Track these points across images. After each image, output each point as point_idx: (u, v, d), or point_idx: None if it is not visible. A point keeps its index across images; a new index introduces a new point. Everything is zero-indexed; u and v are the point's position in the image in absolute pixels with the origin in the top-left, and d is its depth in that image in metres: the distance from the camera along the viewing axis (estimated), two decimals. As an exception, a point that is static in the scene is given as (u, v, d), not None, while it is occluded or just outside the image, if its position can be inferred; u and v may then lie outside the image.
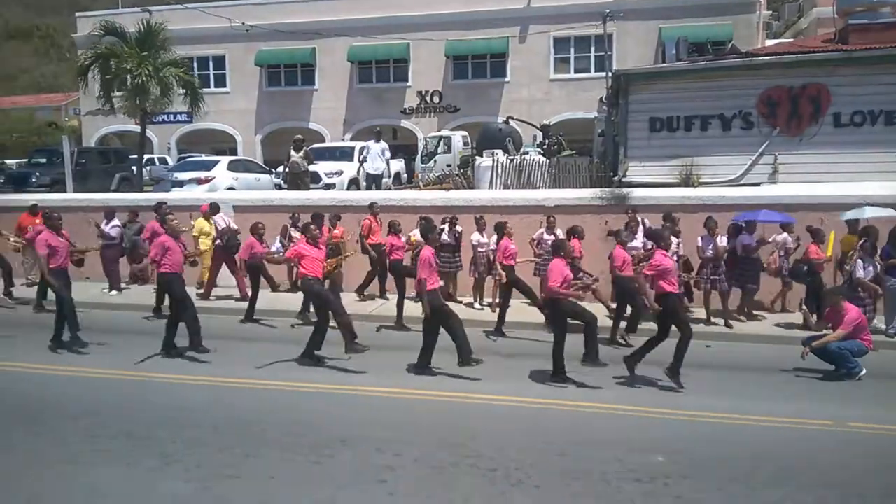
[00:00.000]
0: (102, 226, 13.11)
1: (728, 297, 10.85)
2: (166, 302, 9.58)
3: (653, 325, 8.54)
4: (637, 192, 12.82)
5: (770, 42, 27.20)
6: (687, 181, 14.09)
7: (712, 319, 10.78)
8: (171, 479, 5.56)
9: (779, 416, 7.05)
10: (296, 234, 11.34)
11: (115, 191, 20.47)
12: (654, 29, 28.07)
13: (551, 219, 11.76)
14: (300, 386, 7.97)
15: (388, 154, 18.80)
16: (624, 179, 14.90)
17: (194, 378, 8.24)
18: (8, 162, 28.79)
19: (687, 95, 14.73)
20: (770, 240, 10.89)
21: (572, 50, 29.83)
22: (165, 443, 6.26)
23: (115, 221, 13.23)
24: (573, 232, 10.75)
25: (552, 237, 11.46)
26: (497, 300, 11.81)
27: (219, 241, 12.41)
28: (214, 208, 13.07)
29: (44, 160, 22.55)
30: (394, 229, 11.14)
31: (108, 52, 20.65)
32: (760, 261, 10.88)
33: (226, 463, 5.85)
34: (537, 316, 10.45)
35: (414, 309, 10.27)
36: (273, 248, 11.73)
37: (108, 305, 12.48)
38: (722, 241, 10.80)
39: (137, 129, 23.73)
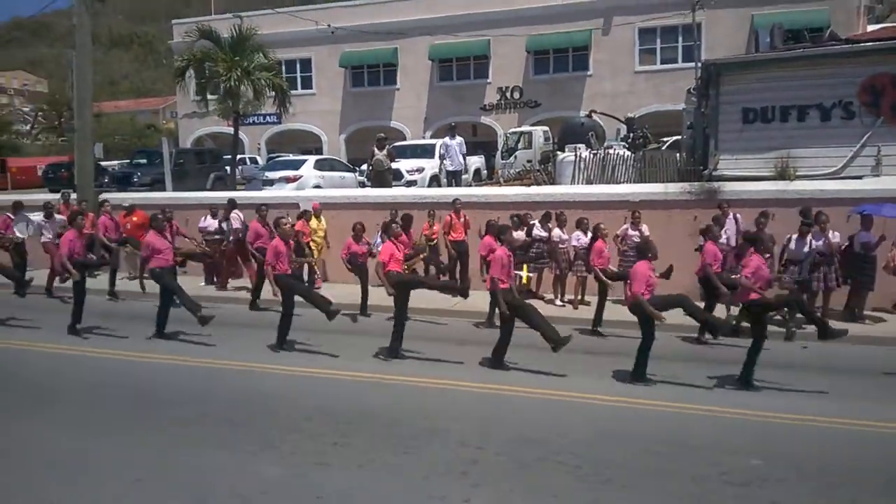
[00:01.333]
0: (203, 222, 13.77)
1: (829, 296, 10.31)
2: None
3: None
4: (729, 186, 12.35)
5: (872, 27, 25.52)
6: (783, 174, 13.43)
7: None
8: (267, 464, 5.80)
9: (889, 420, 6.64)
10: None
11: (209, 189, 21.46)
12: (747, 16, 26.92)
13: (636, 214, 11.50)
14: (386, 378, 8.14)
15: (463, 149, 18.88)
16: (714, 173, 14.37)
17: (293, 369, 8.53)
18: (111, 163, 30.65)
19: (783, 85, 14.01)
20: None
21: (658, 40, 29.04)
22: (261, 429, 6.54)
23: (223, 218, 13.82)
24: (596, 231, 10.49)
25: (637, 233, 11.26)
26: (578, 297, 11.74)
27: (232, 238, 13.21)
28: (232, 204, 13.79)
29: (144, 161, 23.94)
30: (493, 229, 10.91)
31: (202, 56, 21.66)
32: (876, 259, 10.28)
33: (318, 450, 6.05)
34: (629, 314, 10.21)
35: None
36: (374, 243, 11.84)
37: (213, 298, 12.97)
38: (835, 236, 10.24)
39: (230, 130, 24.82)
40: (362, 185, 20.01)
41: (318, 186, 18.60)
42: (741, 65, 15.33)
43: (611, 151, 16.98)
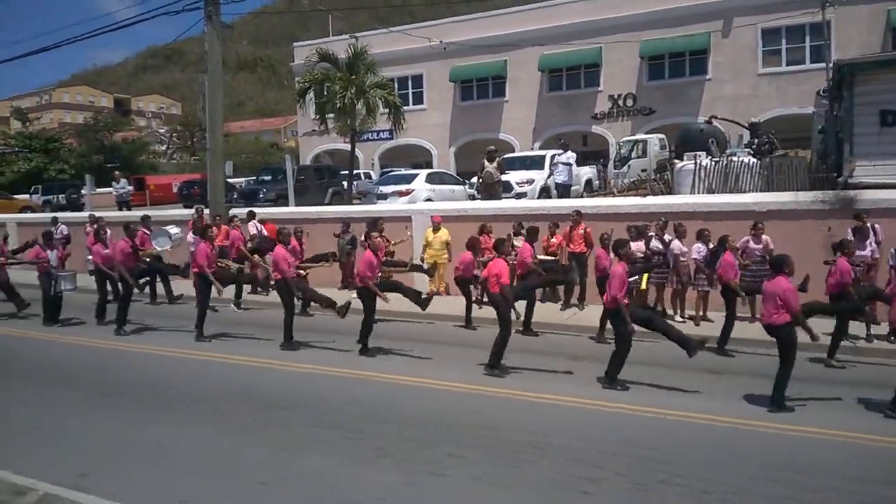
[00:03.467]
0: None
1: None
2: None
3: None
4: (867, 195, 11.39)
5: None
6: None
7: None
8: (382, 471, 5.91)
9: None
10: (518, 241, 11.46)
11: (327, 204, 22.36)
12: (882, 12, 24.96)
13: (759, 226, 10.81)
14: (493, 391, 8.09)
15: (572, 162, 18.66)
16: (850, 180, 13.35)
17: (401, 378, 8.70)
18: (239, 180, 32.64)
19: (927, 84, 12.88)
20: None
21: (783, 41, 27.48)
22: (376, 436, 6.67)
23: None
24: (723, 242, 9.89)
25: (759, 246, 10.60)
26: (700, 313, 11.20)
27: (249, 244, 13.92)
28: (250, 215, 14.88)
29: (269, 177, 25.34)
30: (604, 244, 10.54)
31: (321, 77, 22.69)
32: None
33: (431, 460, 6.10)
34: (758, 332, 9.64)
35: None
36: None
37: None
38: None
39: (346, 147, 25.80)
40: (472, 197, 20.15)
41: (429, 199, 18.92)
42: (878, 63, 14.29)
43: (734, 159, 16.14)
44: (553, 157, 19.34)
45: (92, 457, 6.36)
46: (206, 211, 16.22)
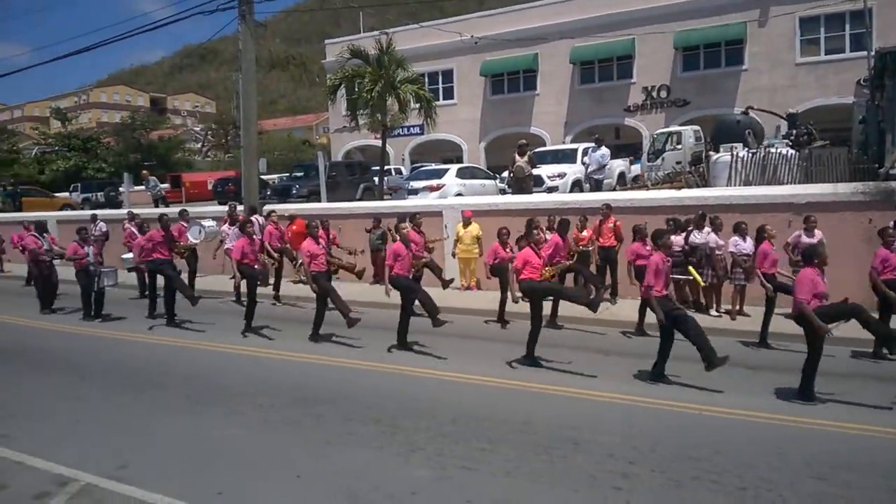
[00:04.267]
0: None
1: None
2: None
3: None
4: (910, 186, 11.07)
5: None
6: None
7: None
8: (415, 465, 5.94)
9: None
10: (547, 234, 11.29)
11: (359, 199, 22.48)
12: (928, -4, 24.14)
13: (812, 219, 10.40)
14: (526, 386, 8.07)
15: (607, 160, 18.42)
16: (892, 171, 12.96)
17: (435, 373, 8.74)
18: (272, 176, 33.02)
19: (977, 69, 12.42)
20: None
21: (822, 29, 26.79)
22: (409, 431, 6.71)
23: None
24: (761, 233, 9.68)
25: (813, 241, 10.18)
26: (736, 307, 11.00)
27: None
28: (252, 210, 15.08)
29: (301, 174, 25.56)
30: (640, 234, 10.54)
31: (352, 74, 22.80)
32: None
33: (464, 455, 6.10)
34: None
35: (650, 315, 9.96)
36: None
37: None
38: None
39: (377, 143, 25.91)
40: (503, 192, 20.07)
41: (459, 194, 18.90)
42: (924, 50, 13.78)
43: (772, 150, 15.79)
44: (586, 151, 19.13)
45: (131, 448, 6.50)
46: (240, 207, 16.43)
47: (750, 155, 15.62)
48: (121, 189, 33.10)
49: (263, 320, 11.75)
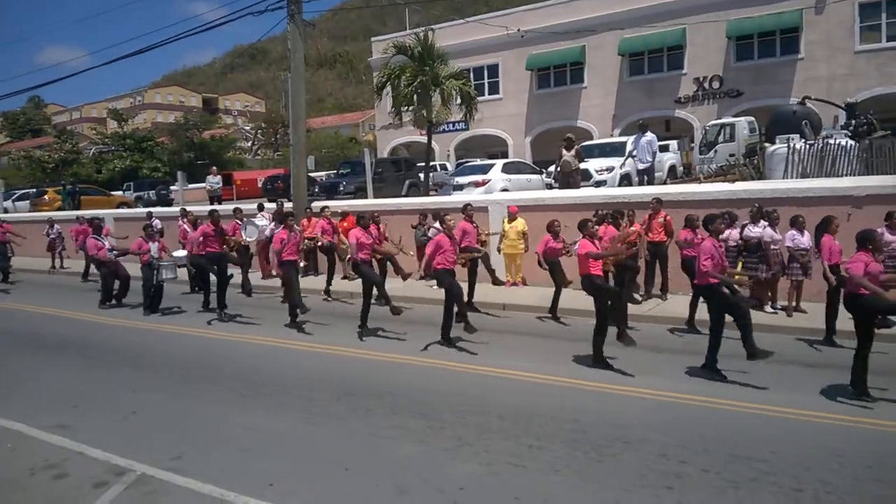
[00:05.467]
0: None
1: None
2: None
3: None
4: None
5: None
6: None
7: None
8: (462, 460, 5.92)
9: None
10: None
11: (405, 196, 22.58)
12: None
13: None
14: (575, 383, 7.97)
15: (654, 147, 17.96)
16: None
17: (482, 368, 8.71)
18: (320, 174, 33.46)
19: None
20: None
21: (883, 15, 25.71)
22: (456, 426, 6.70)
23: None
24: (826, 224, 9.25)
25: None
26: (793, 303, 10.65)
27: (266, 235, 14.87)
28: (260, 207, 15.74)
29: (348, 171, 25.86)
30: (690, 224, 10.34)
31: (398, 71, 22.88)
32: None
33: (511, 451, 6.06)
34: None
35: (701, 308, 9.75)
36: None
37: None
38: None
39: (422, 139, 25.96)
40: (549, 186, 19.88)
41: (505, 189, 18.80)
42: None
43: (830, 141, 15.22)
44: (633, 142, 18.78)
45: (185, 440, 6.67)
46: (288, 204, 16.70)
47: (807, 146, 15.10)
48: (172, 188, 34.08)
49: (314, 315, 11.90)
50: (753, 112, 25.53)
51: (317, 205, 16.72)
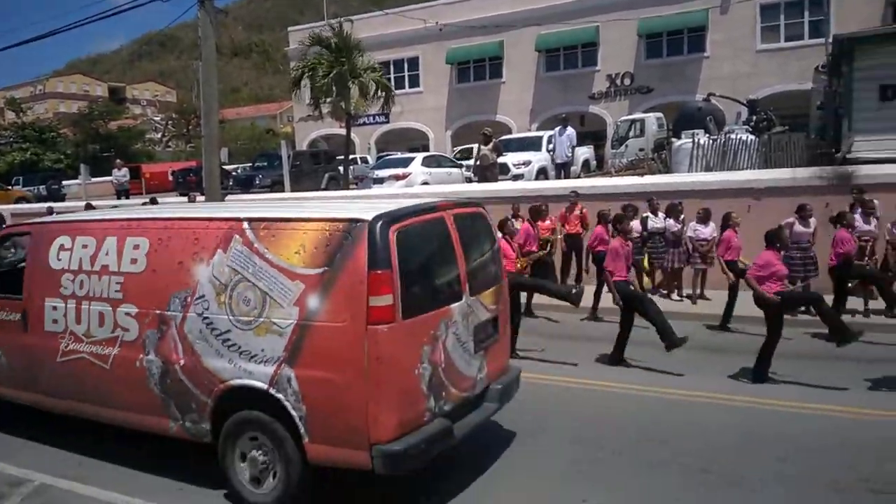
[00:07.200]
0: None
1: None
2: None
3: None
4: (865, 170, 11.32)
5: None
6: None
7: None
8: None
9: None
10: (518, 223, 10.47)
11: (324, 189, 22.24)
12: (881, -15, 24.64)
13: (808, 208, 9.86)
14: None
15: (573, 141, 18.41)
16: (848, 156, 13.26)
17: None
18: (235, 166, 32.50)
19: (927, 57, 12.75)
20: None
21: (782, 16, 27.18)
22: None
23: None
24: (727, 220, 9.76)
25: (809, 230, 10.00)
26: (697, 291, 11.18)
27: None
28: (153, 201, 14.68)
29: (265, 164, 25.21)
30: (605, 220, 10.34)
31: (315, 62, 22.47)
32: None
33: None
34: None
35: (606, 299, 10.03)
36: None
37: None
38: None
39: (342, 132, 25.60)
40: (468, 180, 20.03)
41: (425, 183, 18.80)
42: (878, 38, 14.18)
43: (732, 136, 16.03)
44: (551, 139, 19.18)
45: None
46: (200, 198, 16.13)
47: (710, 141, 15.85)
48: (66, 182, 32.27)
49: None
50: (662, 108, 26.49)
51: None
